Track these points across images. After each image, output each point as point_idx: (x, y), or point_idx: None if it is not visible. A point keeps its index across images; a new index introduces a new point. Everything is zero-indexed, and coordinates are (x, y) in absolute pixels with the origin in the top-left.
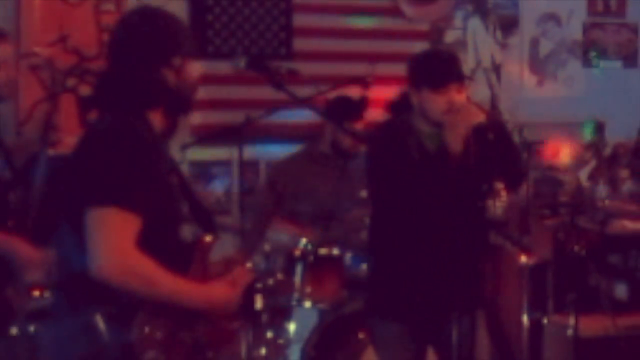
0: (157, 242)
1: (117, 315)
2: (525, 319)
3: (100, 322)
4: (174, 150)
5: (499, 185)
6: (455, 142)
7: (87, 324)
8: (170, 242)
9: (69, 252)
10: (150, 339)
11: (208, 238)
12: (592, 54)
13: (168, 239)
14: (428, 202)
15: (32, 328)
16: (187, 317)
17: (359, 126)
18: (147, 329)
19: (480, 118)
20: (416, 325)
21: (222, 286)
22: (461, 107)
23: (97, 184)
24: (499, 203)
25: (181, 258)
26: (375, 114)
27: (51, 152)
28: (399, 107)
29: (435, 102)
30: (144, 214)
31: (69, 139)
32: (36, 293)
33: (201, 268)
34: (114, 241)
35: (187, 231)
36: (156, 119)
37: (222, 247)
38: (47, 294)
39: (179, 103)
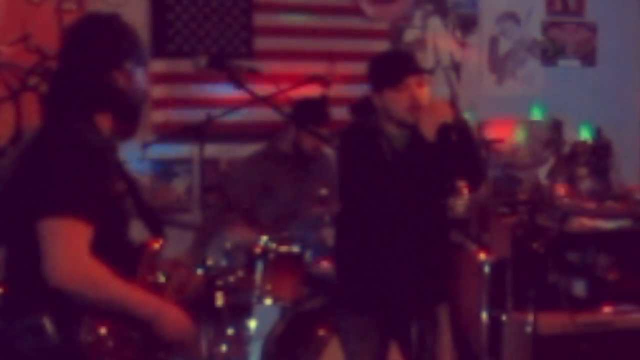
0: (106, 247)
1: (65, 317)
2: (484, 316)
3: (47, 324)
4: (135, 148)
5: (461, 184)
6: (429, 131)
7: (35, 325)
8: (119, 247)
9: (18, 252)
10: (99, 340)
11: (156, 245)
12: None
13: (116, 244)
14: (397, 201)
15: None
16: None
17: (323, 130)
18: (95, 330)
19: (447, 117)
20: (382, 319)
21: (179, 311)
22: (431, 103)
23: (49, 194)
24: (461, 201)
25: (129, 262)
26: (335, 113)
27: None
28: (362, 110)
29: (397, 100)
30: (94, 221)
31: None
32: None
33: (147, 273)
34: (69, 251)
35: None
36: (105, 123)
37: (183, 244)
38: None
39: (129, 107)
